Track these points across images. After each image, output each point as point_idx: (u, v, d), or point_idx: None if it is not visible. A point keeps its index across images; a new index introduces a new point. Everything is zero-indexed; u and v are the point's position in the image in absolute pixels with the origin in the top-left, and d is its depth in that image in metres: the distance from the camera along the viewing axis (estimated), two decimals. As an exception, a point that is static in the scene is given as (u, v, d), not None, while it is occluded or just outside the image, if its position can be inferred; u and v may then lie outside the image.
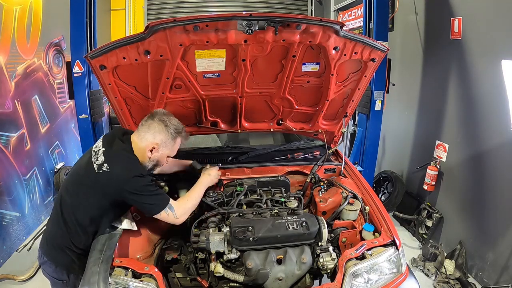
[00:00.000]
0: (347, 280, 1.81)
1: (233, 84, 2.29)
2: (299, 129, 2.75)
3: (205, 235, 2.04)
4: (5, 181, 3.52)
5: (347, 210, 2.29)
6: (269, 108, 2.58)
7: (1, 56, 3.51)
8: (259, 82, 2.31)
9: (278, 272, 1.91)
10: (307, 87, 2.40)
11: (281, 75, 2.26)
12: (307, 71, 2.25)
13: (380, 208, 2.25)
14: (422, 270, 3.35)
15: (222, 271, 1.97)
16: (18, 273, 3.20)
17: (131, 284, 1.72)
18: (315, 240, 2.06)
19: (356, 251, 1.93)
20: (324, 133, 2.74)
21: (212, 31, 1.83)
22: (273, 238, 1.99)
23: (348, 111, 2.59)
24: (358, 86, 2.39)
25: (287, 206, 2.27)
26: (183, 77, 2.14)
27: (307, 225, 2.04)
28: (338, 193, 2.42)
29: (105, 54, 1.88)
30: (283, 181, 2.62)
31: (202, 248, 2.03)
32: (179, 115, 2.29)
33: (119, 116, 2.36)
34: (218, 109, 2.53)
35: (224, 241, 2.01)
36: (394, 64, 4.01)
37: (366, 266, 1.88)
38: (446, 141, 3.56)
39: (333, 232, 2.24)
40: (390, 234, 2.05)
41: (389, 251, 1.97)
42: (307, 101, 2.54)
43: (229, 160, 2.72)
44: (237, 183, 2.54)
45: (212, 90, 2.31)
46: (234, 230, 1.99)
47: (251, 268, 1.90)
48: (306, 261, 1.94)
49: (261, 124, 2.72)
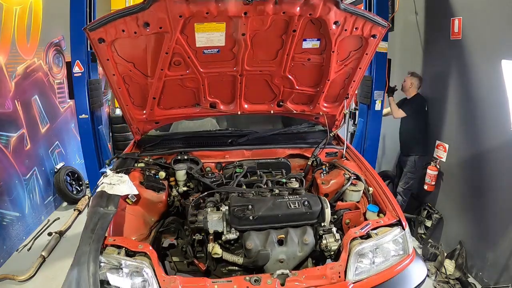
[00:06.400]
0: (352, 260, 1.74)
1: (233, 61, 2.23)
2: (299, 111, 2.68)
3: (202, 214, 1.97)
4: (5, 181, 3.51)
5: (350, 191, 2.22)
6: (269, 88, 2.52)
7: (1, 56, 3.51)
8: (259, 60, 2.26)
9: (279, 254, 1.84)
10: (307, 65, 2.34)
11: (282, 52, 2.21)
12: (308, 47, 2.21)
13: (384, 189, 2.19)
14: (422, 270, 3.34)
15: (221, 252, 1.89)
16: (18, 273, 3.20)
17: (123, 262, 1.64)
18: (318, 221, 1.99)
19: (361, 230, 1.85)
20: (325, 116, 2.68)
21: (212, 1, 1.79)
22: (274, 217, 1.92)
23: (350, 92, 2.53)
24: (359, 65, 2.34)
25: (289, 187, 2.19)
26: (182, 52, 2.09)
27: (309, 204, 1.97)
28: (341, 174, 2.35)
29: (104, 26, 1.84)
30: (284, 163, 2.56)
31: (200, 228, 1.95)
32: (178, 95, 2.24)
33: (117, 95, 2.31)
34: (217, 89, 2.47)
35: (222, 220, 1.93)
36: (394, 64, 4.01)
37: (371, 245, 1.80)
38: (446, 141, 3.56)
39: (336, 213, 2.17)
40: (396, 214, 1.98)
41: (395, 231, 1.89)
42: (308, 81, 2.48)
43: (228, 142, 2.65)
44: (237, 165, 2.48)
45: (211, 68, 2.26)
46: (233, 208, 1.92)
47: (251, 249, 1.83)
48: (308, 242, 1.87)
49: (261, 105, 2.65)
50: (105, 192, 1.93)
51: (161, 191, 2.25)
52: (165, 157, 2.58)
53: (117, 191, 1.95)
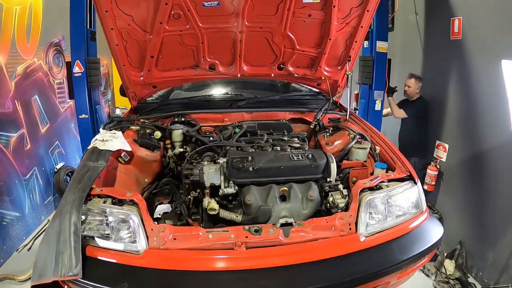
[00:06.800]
0: (363, 210, 1.60)
1: (233, 16, 2.18)
2: (301, 75, 2.61)
3: (198, 167, 1.83)
4: (5, 181, 3.51)
5: (356, 149, 2.09)
6: (270, 49, 2.45)
7: (1, 56, 3.51)
8: (259, 14, 2.21)
9: (282, 210, 1.69)
10: (308, 22, 2.29)
11: (282, 6, 2.16)
12: (309, 2, 2.16)
13: (392, 148, 2.08)
14: (422, 270, 3.34)
15: (217, 208, 1.71)
16: (18, 273, 3.19)
17: (108, 210, 1.52)
18: (323, 176, 1.85)
19: (370, 181, 1.72)
20: (327, 80, 2.60)
21: None
22: (275, 169, 1.78)
23: (352, 54, 2.47)
24: (361, 24, 2.29)
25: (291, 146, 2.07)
26: (182, 4, 2.04)
27: (314, 158, 1.82)
28: (345, 135, 2.26)
29: None
30: (286, 124, 2.46)
31: (196, 182, 1.80)
32: (177, 55, 2.18)
33: (114, 54, 2.26)
34: (217, 48, 2.40)
35: (220, 173, 1.78)
36: (394, 64, 4.01)
37: (383, 196, 1.66)
38: (446, 141, 3.56)
39: (342, 172, 2.03)
40: (406, 169, 1.86)
41: (407, 185, 1.77)
42: (309, 41, 2.42)
43: (227, 105, 2.56)
44: (236, 125, 2.38)
45: (211, 23, 2.21)
46: (232, 159, 1.78)
47: (251, 204, 1.68)
48: (313, 198, 1.72)
49: (262, 68, 2.57)
50: (96, 148, 1.83)
51: (156, 149, 2.13)
52: (161, 120, 2.48)
53: (109, 147, 1.84)
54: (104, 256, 1.49)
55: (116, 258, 1.49)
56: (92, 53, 3.69)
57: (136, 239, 1.51)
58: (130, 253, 1.49)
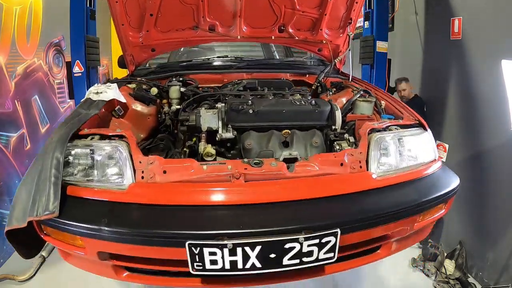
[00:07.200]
0: (374, 148, 1.48)
1: None
2: (302, 38, 2.56)
3: (195, 112, 1.73)
4: (5, 181, 3.51)
5: (360, 102, 2.00)
6: (270, 9, 2.40)
7: (1, 56, 3.51)
8: None
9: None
10: None
11: None
12: None
13: (398, 101, 2.00)
14: (422, 270, 3.34)
15: (214, 153, 1.57)
16: (18, 273, 3.19)
17: (94, 145, 1.40)
18: (328, 124, 1.75)
19: (379, 123, 1.61)
20: (328, 44, 2.56)
21: None
22: (277, 113, 1.67)
23: (353, 16, 2.44)
24: None
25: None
26: None
27: (317, 104, 1.73)
28: (349, 92, 2.19)
29: None
30: (287, 82, 2.40)
31: (192, 127, 1.69)
32: (177, 14, 2.12)
33: (113, 13, 2.19)
34: (217, 8, 2.35)
35: (218, 118, 1.68)
36: (394, 64, 4.01)
37: (393, 135, 1.55)
38: (446, 141, 3.56)
39: (347, 124, 1.93)
40: (414, 117, 1.75)
41: (417, 130, 1.66)
42: (310, 1, 2.37)
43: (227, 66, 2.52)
44: (236, 83, 2.31)
45: None
46: (231, 102, 1.69)
47: (251, 149, 1.58)
48: (318, 145, 1.63)
49: (262, 30, 2.52)
50: (89, 98, 1.76)
51: (151, 103, 2.06)
52: (159, 81, 2.43)
53: (103, 97, 1.77)
54: (86, 194, 1.37)
55: (99, 195, 1.37)
56: (91, 32, 3.64)
57: (122, 173, 1.39)
58: (114, 189, 1.38)
